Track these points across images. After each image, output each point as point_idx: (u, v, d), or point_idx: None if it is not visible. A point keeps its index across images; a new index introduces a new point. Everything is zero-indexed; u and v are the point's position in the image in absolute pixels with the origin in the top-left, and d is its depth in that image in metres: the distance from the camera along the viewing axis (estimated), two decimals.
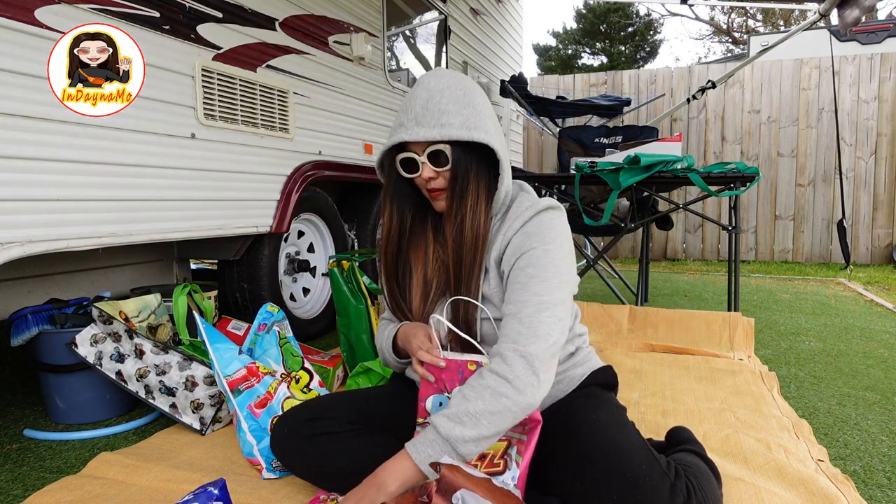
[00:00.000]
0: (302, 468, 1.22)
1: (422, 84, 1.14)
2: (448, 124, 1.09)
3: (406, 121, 1.12)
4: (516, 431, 1.08)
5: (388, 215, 1.22)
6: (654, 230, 6.02)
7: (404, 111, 1.13)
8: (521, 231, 1.12)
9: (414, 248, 1.24)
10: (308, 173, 2.59)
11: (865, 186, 5.81)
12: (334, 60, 2.78)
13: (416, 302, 1.22)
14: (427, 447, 0.97)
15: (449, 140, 1.09)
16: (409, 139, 1.11)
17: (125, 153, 1.77)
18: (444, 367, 1.09)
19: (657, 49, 17.92)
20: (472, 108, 1.12)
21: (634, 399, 1.87)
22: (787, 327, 3.05)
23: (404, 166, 1.16)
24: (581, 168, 2.80)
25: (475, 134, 1.09)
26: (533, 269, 1.07)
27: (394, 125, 1.16)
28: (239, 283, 2.53)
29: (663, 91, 6.32)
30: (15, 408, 1.90)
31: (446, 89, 1.11)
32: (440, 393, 1.11)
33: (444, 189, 1.14)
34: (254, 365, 1.53)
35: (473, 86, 1.16)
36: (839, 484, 1.27)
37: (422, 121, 1.10)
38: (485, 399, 0.97)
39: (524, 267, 1.08)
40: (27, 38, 1.50)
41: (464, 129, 1.09)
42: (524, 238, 1.11)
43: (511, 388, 0.98)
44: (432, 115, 1.10)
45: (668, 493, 0.97)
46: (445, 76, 1.14)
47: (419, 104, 1.11)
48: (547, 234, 1.10)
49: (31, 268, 2.04)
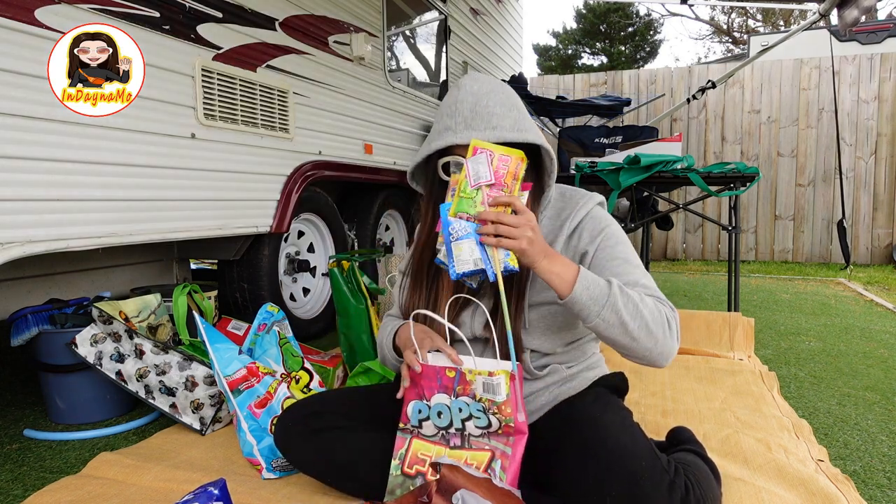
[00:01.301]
0: (306, 463, 1.22)
1: (465, 88, 1.14)
2: (499, 126, 1.11)
3: (453, 124, 1.12)
4: (500, 442, 1.06)
5: (431, 219, 1.22)
6: (654, 230, 6.02)
7: (449, 115, 1.13)
8: (589, 216, 1.19)
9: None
10: (308, 173, 2.59)
11: (865, 186, 5.81)
12: (334, 60, 2.78)
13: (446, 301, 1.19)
14: (593, 278, 1.04)
15: (502, 142, 1.10)
16: (460, 142, 1.10)
17: (125, 153, 1.77)
18: (420, 372, 1.09)
19: (657, 49, 17.91)
20: (517, 111, 1.14)
21: (634, 399, 1.87)
22: (787, 327, 3.05)
23: (447, 170, 1.16)
24: (581, 168, 2.80)
25: (527, 136, 1.12)
26: (622, 247, 1.17)
27: (435, 130, 1.16)
28: (239, 283, 2.53)
29: (663, 91, 6.31)
30: (15, 408, 1.90)
31: (492, 93, 1.13)
32: (419, 399, 1.10)
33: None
34: (254, 365, 1.53)
35: (512, 90, 1.19)
36: (839, 484, 1.27)
37: (471, 123, 1.10)
38: (654, 317, 1.05)
39: (614, 245, 1.16)
40: (27, 38, 1.50)
41: (515, 130, 1.11)
42: (594, 222, 1.18)
43: (668, 329, 1.07)
44: (482, 117, 1.11)
45: (667, 489, 0.97)
46: (486, 80, 1.16)
47: (467, 107, 1.11)
48: (608, 218, 1.21)
49: (31, 268, 2.04)
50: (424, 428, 1.10)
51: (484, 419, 1.05)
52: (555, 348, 1.20)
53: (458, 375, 1.06)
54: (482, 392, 1.04)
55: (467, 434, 1.08)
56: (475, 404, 1.05)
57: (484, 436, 1.07)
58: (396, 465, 1.11)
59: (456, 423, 1.07)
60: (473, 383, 1.05)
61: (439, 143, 1.13)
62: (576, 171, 2.83)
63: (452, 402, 1.07)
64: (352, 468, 1.18)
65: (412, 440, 1.11)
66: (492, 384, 1.03)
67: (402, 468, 1.10)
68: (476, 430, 1.06)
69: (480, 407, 1.05)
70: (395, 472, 1.10)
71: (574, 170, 2.88)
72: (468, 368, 1.06)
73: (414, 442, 1.11)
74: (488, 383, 1.04)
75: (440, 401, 1.08)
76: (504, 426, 1.04)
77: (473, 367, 1.06)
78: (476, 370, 1.05)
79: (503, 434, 1.05)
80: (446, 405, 1.07)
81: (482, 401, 1.04)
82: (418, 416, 1.10)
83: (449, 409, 1.07)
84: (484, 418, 1.05)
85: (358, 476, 1.18)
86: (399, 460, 1.11)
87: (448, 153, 1.15)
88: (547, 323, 1.17)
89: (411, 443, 1.11)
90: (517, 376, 1.04)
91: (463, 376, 1.06)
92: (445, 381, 1.07)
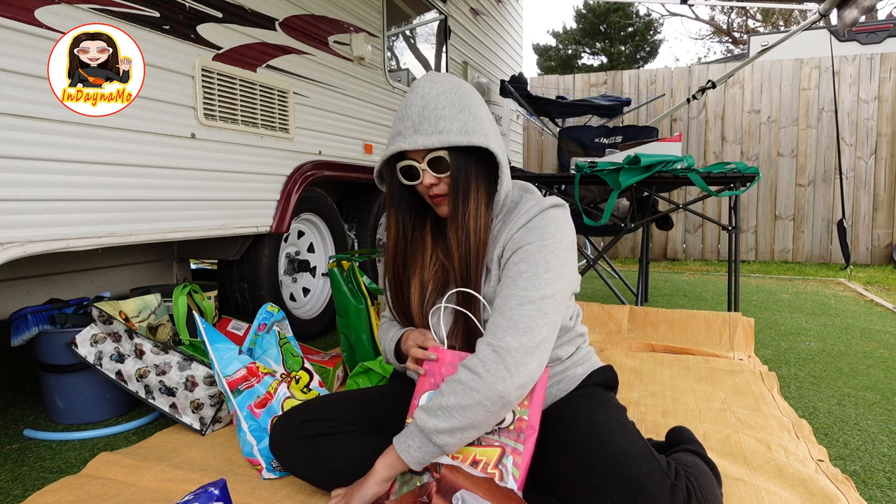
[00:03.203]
0: (300, 468, 1.22)
1: (416, 90, 1.13)
2: (446, 130, 1.09)
3: (403, 129, 1.11)
4: (511, 438, 1.05)
5: (395, 224, 1.22)
6: (654, 230, 6.02)
7: (401, 119, 1.13)
8: (524, 228, 1.12)
9: (412, 253, 1.24)
10: (308, 173, 2.59)
11: (865, 186, 5.81)
12: (334, 60, 2.78)
13: (415, 305, 1.22)
14: (407, 438, 1.04)
15: (448, 146, 1.09)
16: (408, 147, 1.10)
17: (125, 153, 1.77)
18: (436, 359, 1.10)
19: (657, 49, 17.92)
20: (468, 112, 1.11)
21: (634, 399, 1.87)
22: (787, 327, 3.05)
23: (405, 174, 1.15)
24: (581, 168, 2.80)
25: (473, 138, 1.09)
26: (525, 265, 1.08)
27: (391, 134, 1.16)
28: (239, 283, 2.53)
29: (663, 91, 6.31)
30: (15, 408, 1.90)
31: (441, 94, 1.11)
32: (435, 388, 1.10)
33: (446, 194, 1.14)
34: (254, 365, 1.53)
35: (468, 88, 1.16)
36: (839, 484, 1.27)
37: (419, 128, 1.09)
38: (456, 393, 1.01)
39: (517, 262, 1.09)
40: (27, 38, 1.50)
41: (462, 133, 1.09)
42: (525, 234, 1.11)
43: (480, 381, 0.99)
44: (429, 121, 1.09)
45: (669, 493, 0.97)
46: (439, 81, 1.13)
47: (415, 111, 1.10)
48: (547, 229, 1.10)
49: (31, 268, 2.04)
50: None
51: None
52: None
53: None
54: None
55: None
56: None
57: (494, 432, 1.07)
58: None
59: None
60: None
61: (391, 149, 1.13)
62: (576, 171, 2.83)
63: None
64: (349, 473, 1.17)
65: None
66: None
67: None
68: None
69: None
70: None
71: (574, 170, 2.88)
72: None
73: None
74: None
75: None
76: (517, 419, 1.04)
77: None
78: None
79: (515, 430, 1.05)
80: None
81: None
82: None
83: None
84: None
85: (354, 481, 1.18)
86: None
87: (404, 158, 1.15)
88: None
89: None
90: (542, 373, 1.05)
91: None
92: None
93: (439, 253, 1.23)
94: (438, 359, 1.11)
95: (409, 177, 1.15)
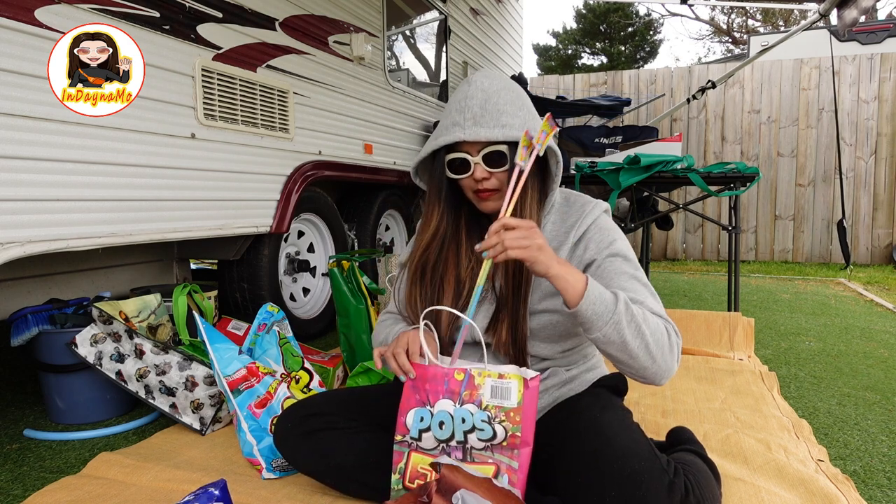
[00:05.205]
0: (304, 463, 1.22)
1: (475, 84, 1.13)
2: (509, 125, 1.09)
3: (462, 120, 1.10)
4: (505, 455, 1.02)
5: (437, 216, 1.20)
6: (654, 230, 6.02)
7: (458, 111, 1.12)
8: (594, 226, 1.16)
9: (447, 249, 1.22)
10: (308, 173, 2.59)
11: (865, 186, 5.81)
12: (334, 60, 2.78)
13: (449, 301, 1.19)
14: (600, 292, 1.00)
15: (510, 141, 1.09)
16: (468, 139, 1.09)
17: (125, 153, 1.77)
18: (426, 375, 1.05)
19: (657, 49, 17.91)
20: (527, 111, 1.14)
21: (634, 399, 1.87)
22: (787, 327, 3.05)
23: (452, 167, 1.15)
24: (581, 168, 2.80)
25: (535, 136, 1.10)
26: (631, 263, 1.14)
27: (442, 125, 1.14)
28: (239, 283, 2.53)
29: (663, 91, 6.31)
30: (15, 408, 1.90)
31: (502, 90, 1.12)
32: (422, 406, 1.06)
33: (495, 190, 1.13)
34: (254, 365, 1.53)
35: (522, 90, 1.18)
36: (839, 484, 1.27)
37: (480, 121, 1.09)
38: (656, 335, 1.02)
39: (624, 259, 1.14)
40: (27, 38, 1.50)
41: (523, 130, 1.09)
42: (602, 233, 1.16)
43: (669, 351, 1.04)
44: (491, 115, 1.09)
45: (666, 490, 0.97)
46: (498, 77, 1.15)
47: (476, 104, 1.10)
48: (616, 229, 1.19)
49: (31, 268, 2.04)
50: (424, 440, 1.05)
51: (488, 430, 1.01)
52: (555, 353, 1.20)
53: (467, 378, 1.03)
54: (489, 398, 1.02)
55: (469, 447, 1.03)
56: (480, 413, 1.02)
57: (487, 449, 1.03)
58: (397, 479, 1.07)
59: (458, 435, 1.03)
60: (482, 387, 1.02)
61: (447, 139, 1.11)
62: (576, 171, 2.83)
63: (456, 410, 1.03)
64: (351, 469, 1.18)
65: (410, 454, 1.07)
66: (501, 388, 1.01)
67: (402, 482, 1.07)
68: (479, 442, 1.02)
69: (485, 416, 1.01)
70: (397, 487, 1.07)
71: (574, 170, 2.88)
72: (478, 370, 1.03)
73: (413, 456, 1.07)
74: (497, 387, 1.01)
75: (444, 408, 1.04)
76: (510, 436, 1.01)
77: (484, 369, 1.03)
78: (486, 371, 1.03)
79: (508, 447, 1.01)
80: (449, 414, 1.03)
81: (488, 409, 1.01)
82: (419, 426, 1.05)
83: (452, 418, 1.03)
84: (488, 430, 1.01)
85: (357, 477, 1.18)
86: (399, 475, 1.07)
87: (455, 150, 1.13)
88: (548, 332, 1.16)
89: (410, 457, 1.07)
90: (532, 385, 1.01)
91: (472, 379, 1.03)
92: (453, 384, 1.04)
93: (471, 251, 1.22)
94: (420, 375, 1.06)
95: (456, 170, 1.14)
